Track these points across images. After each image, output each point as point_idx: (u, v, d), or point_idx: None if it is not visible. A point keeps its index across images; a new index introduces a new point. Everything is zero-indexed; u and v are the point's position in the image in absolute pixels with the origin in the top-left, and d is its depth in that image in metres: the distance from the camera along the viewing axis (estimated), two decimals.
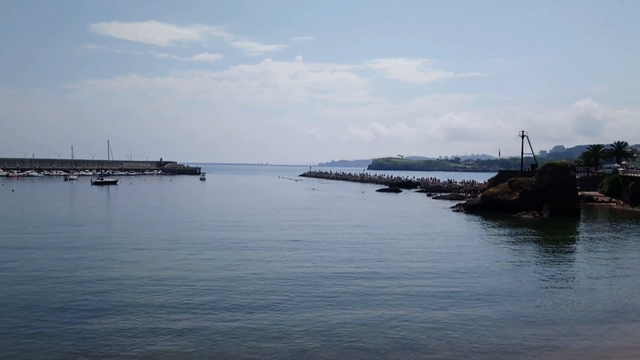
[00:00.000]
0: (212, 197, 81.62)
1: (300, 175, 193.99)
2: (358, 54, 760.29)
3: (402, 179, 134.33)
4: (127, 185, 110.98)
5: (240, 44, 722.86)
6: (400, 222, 48.23)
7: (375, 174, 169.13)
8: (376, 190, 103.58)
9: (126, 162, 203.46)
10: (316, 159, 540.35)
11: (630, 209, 66.55)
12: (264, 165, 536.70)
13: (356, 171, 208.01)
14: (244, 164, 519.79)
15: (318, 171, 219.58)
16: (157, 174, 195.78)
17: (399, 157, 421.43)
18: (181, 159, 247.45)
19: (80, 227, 40.64)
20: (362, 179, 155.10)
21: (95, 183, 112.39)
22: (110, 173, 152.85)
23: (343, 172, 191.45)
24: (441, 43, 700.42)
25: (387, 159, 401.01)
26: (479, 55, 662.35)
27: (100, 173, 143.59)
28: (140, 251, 30.26)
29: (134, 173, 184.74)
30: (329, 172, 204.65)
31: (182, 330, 16.28)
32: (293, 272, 25.16)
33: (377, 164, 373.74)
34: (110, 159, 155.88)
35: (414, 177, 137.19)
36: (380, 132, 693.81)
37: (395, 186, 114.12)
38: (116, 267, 25.53)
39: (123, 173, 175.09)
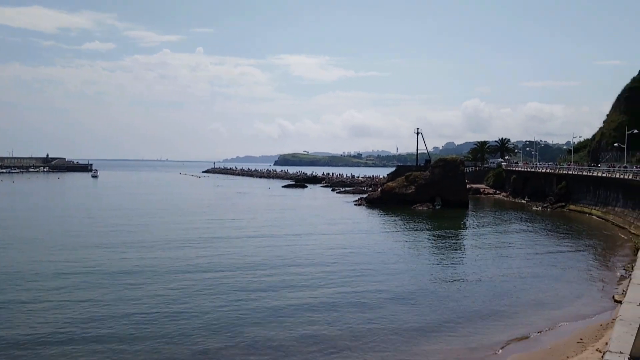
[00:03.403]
0: (105, 197, 76.03)
1: (203, 172, 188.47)
2: (261, 49, 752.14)
3: (308, 174, 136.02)
4: (8, 184, 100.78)
5: (135, 33, 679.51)
6: (305, 219, 48.84)
7: (282, 170, 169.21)
8: (282, 186, 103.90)
9: (7, 158, 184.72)
10: (220, 155, 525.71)
11: (512, 199, 73.42)
12: (164, 161, 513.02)
13: (262, 167, 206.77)
14: (141, 160, 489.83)
15: (223, 167, 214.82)
16: (44, 171, 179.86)
17: (305, 153, 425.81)
18: (71, 155, 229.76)
19: None
20: (269, 175, 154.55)
21: None
22: None
23: (249, 168, 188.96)
24: (342, 42, 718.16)
25: (294, 155, 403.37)
26: (377, 55, 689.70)
27: None
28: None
29: (17, 170, 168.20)
30: (234, 168, 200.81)
31: None
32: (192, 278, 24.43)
33: (283, 160, 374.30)
34: None
35: (322, 173, 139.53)
36: (286, 127, 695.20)
37: (301, 182, 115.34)
38: None
39: (4, 170, 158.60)
